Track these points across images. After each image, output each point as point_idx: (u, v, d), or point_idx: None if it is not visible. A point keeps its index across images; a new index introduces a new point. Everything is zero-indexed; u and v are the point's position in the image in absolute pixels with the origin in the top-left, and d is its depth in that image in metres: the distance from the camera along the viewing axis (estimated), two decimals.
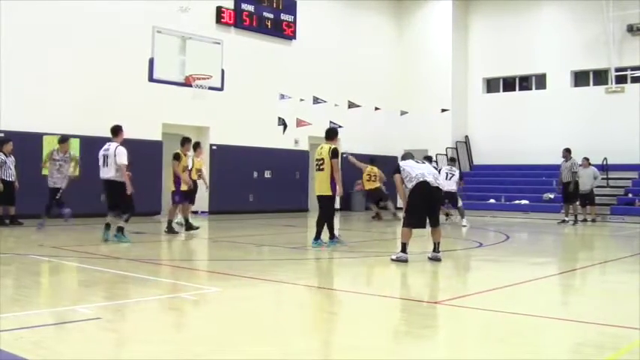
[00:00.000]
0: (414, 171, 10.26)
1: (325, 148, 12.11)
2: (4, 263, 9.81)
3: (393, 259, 10.21)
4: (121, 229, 12.22)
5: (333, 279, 9.60)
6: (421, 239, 11.54)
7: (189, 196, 15.22)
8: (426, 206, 10.24)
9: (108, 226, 12.32)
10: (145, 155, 19.77)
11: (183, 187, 14.77)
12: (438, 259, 10.31)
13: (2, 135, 16.53)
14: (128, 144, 18.78)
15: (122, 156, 12.16)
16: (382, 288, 8.12)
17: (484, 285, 8.54)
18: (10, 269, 9.27)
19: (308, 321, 6.48)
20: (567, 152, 20.20)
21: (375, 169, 20.66)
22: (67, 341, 5.35)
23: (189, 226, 15.11)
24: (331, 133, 12.53)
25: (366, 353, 5.11)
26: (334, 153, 12.00)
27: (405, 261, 10.04)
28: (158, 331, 5.85)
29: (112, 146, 12.28)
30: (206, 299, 7.32)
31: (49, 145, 16.64)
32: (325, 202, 12.20)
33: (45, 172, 15.50)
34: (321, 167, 12.11)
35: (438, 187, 10.33)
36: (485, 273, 10.10)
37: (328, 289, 8.18)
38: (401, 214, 14.80)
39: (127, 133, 19.07)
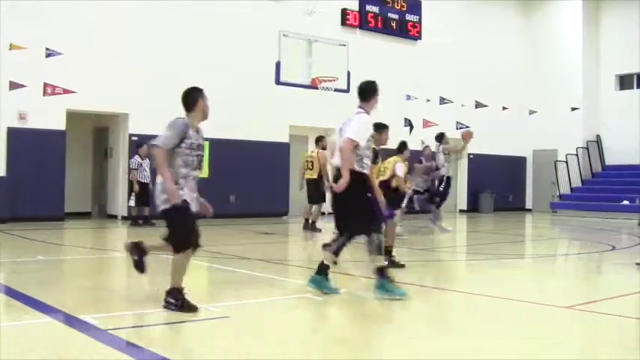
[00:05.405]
0: None
1: None
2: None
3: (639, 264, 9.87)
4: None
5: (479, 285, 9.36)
6: None
7: None
8: None
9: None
10: (272, 157, 20.14)
11: None
12: None
13: (137, 139, 17.29)
14: (256, 146, 19.32)
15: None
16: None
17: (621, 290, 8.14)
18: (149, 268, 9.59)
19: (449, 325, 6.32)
20: None
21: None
22: (198, 339, 5.46)
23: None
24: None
25: None
26: None
27: None
28: (289, 331, 5.89)
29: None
30: (331, 300, 7.26)
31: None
32: None
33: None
34: None
35: None
36: None
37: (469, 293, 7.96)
38: None
39: (255, 136, 19.64)
